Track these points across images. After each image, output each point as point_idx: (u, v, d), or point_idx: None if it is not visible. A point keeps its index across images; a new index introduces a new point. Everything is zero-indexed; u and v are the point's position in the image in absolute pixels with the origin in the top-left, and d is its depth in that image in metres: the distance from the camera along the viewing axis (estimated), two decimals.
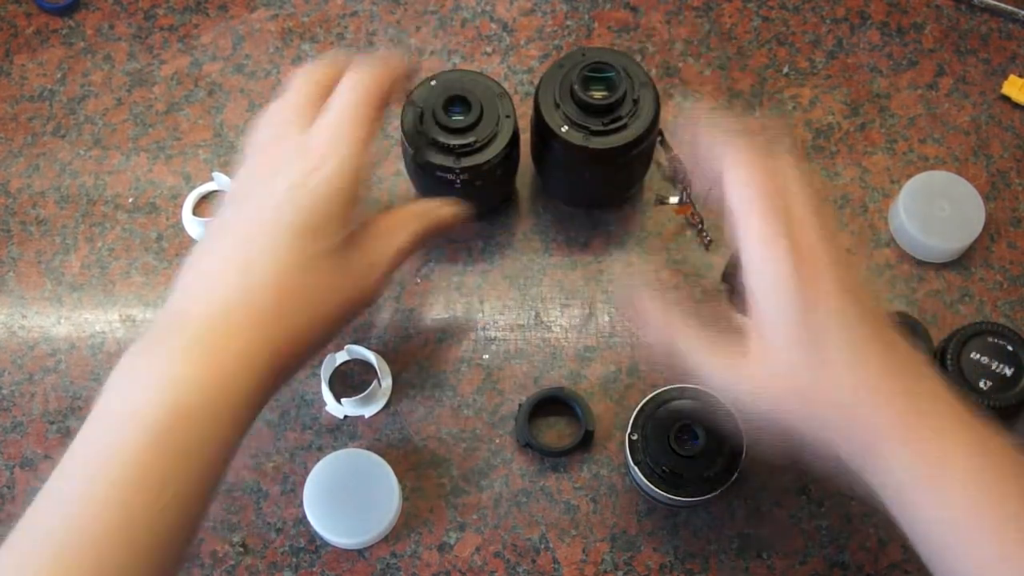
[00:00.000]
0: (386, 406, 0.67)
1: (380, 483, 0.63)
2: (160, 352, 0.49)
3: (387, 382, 0.67)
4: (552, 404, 0.66)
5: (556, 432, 0.66)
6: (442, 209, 0.61)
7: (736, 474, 0.61)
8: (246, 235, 0.52)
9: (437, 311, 0.69)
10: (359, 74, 0.57)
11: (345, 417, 0.67)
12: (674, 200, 0.71)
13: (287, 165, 0.53)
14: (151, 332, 0.51)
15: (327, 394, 0.67)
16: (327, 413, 0.67)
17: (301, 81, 0.57)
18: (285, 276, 0.52)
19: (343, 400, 0.66)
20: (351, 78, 0.57)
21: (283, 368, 0.52)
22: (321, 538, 0.63)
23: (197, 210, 0.72)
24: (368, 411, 0.67)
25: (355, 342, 0.67)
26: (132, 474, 0.46)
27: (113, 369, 0.49)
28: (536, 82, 0.66)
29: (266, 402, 0.51)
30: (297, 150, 0.54)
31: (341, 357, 0.68)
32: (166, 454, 0.46)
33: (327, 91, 0.57)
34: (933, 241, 0.69)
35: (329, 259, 0.53)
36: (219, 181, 0.72)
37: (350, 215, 0.54)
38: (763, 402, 0.50)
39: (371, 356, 0.67)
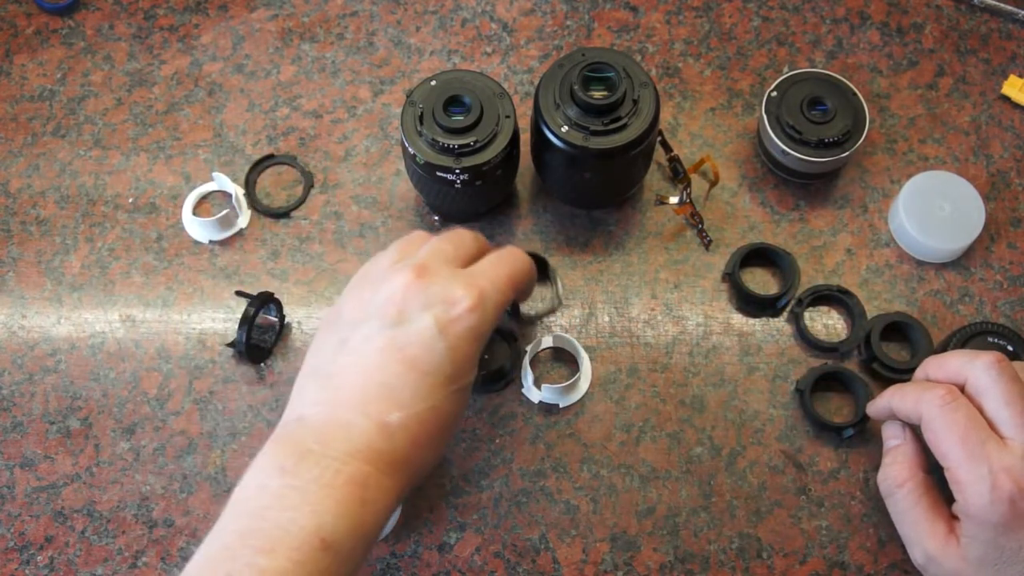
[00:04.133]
0: None
1: None
2: (310, 478, 0.50)
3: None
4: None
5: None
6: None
7: None
8: (393, 370, 0.52)
9: None
10: (513, 252, 0.59)
11: (539, 402, 0.67)
12: (674, 200, 0.71)
13: (437, 296, 0.53)
14: (290, 444, 0.51)
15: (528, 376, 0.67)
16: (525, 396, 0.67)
17: (455, 235, 0.58)
18: (424, 421, 0.53)
19: (543, 386, 0.66)
20: (506, 250, 0.58)
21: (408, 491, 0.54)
22: None
23: (197, 210, 0.72)
24: (565, 401, 0.67)
25: None
26: None
27: (250, 468, 0.51)
28: (536, 82, 0.66)
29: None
30: (448, 281, 0.54)
31: (546, 342, 0.68)
32: None
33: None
34: (933, 241, 0.69)
35: (460, 394, 0.54)
36: (219, 181, 0.72)
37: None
38: None
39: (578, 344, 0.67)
